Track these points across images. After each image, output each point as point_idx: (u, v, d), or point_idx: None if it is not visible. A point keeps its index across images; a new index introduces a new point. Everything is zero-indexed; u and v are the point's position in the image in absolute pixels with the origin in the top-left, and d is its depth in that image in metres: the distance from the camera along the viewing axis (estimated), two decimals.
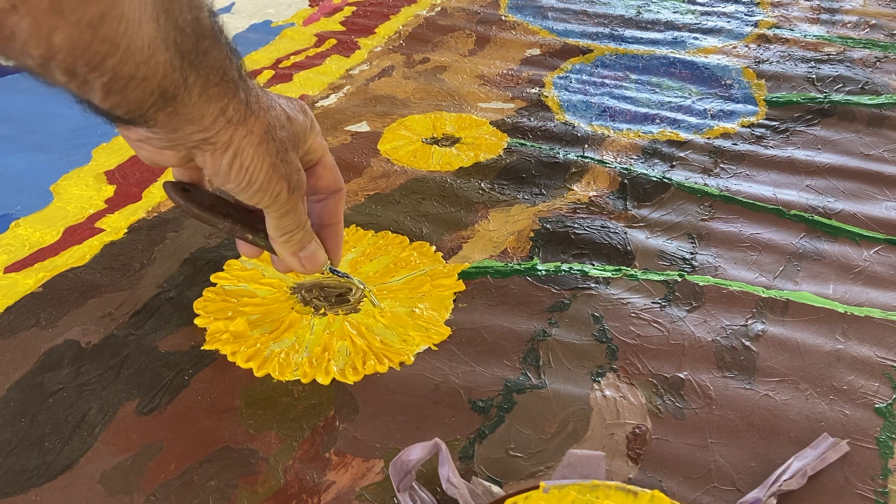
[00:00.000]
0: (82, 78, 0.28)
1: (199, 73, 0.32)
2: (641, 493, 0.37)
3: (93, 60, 0.28)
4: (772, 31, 0.91)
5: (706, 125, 0.72)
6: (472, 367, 0.46)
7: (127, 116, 0.31)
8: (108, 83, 0.29)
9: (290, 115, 0.38)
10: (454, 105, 0.74)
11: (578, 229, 0.57)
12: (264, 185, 0.37)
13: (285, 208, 0.39)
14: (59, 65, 0.27)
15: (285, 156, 0.37)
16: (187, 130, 0.34)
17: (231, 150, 0.35)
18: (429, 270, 0.53)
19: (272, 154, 0.36)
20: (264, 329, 0.48)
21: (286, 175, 0.38)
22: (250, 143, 0.35)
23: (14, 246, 0.56)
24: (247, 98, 0.35)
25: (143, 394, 0.44)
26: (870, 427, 0.42)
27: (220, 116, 0.34)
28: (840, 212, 0.60)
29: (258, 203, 0.38)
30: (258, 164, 0.36)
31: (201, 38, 0.32)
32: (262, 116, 0.36)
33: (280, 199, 0.38)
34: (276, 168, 0.37)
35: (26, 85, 0.78)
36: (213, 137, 0.34)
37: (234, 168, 0.36)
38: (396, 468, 0.38)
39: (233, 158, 0.35)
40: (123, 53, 0.28)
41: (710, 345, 0.48)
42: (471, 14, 0.94)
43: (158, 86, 0.31)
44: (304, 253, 0.42)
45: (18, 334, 0.48)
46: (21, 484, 0.39)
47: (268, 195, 0.38)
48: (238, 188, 0.37)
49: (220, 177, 0.36)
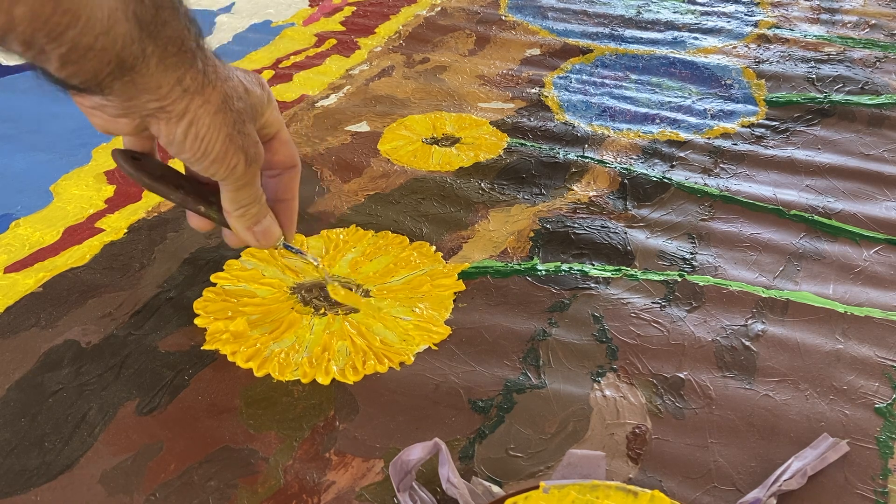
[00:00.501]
0: (39, 48, 0.28)
1: (157, 43, 0.32)
2: (641, 493, 0.37)
3: (53, 32, 0.27)
4: (772, 31, 0.91)
5: (706, 125, 0.72)
6: (472, 367, 0.46)
7: (82, 86, 0.31)
8: (65, 54, 0.28)
9: (247, 87, 0.38)
10: (454, 105, 0.74)
11: (578, 229, 0.57)
12: (220, 156, 0.36)
13: (242, 181, 0.38)
14: (18, 36, 0.27)
15: (242, 127, 0.37)
16: (143, 99, 0.33)
17: (186, 118, 0.35)
18: (429, 270, 0.53)
19: (229, 124, 0.36)
20: (264, 329, 0.48)
21: (243, 147, 0.37)
22: (206, 113, 0.35)
23: (14, 246, 0.56)
24: (204, 68, 0.34)
25: (143, 394, 0.44)
26: (870, 427, 0.42)
27: (177, 85, 0.33)
28: (840, 212, 0.60)
29: (214, 175, 0.37)
30: (214, 134, 0.35)
31: (160, 8, 0.32)
32: (220, 86, 0.35)
33: (237, 172, 0.37)
34: (233, 139, 0.36)
35: (26, 85, 0.78)
36: (168, 106, 0.34)
37: (189, 137, 0.35)
38: (396, 468, 0.38)
39: (188, 127, 0.35)
40: (84, 25, 0.28)
41: (710, 345, 0.48)
42: (471, 14, 0.94)
43: (116, 56, 0.30)
44: (259, 227, 0.41)
45: (18, 334, 0.48)
46: (21, 484, 0.39)
47: (224, 167, 0.37)
48: (193, 158, 0.36)
49: (174, 146, 0.36)
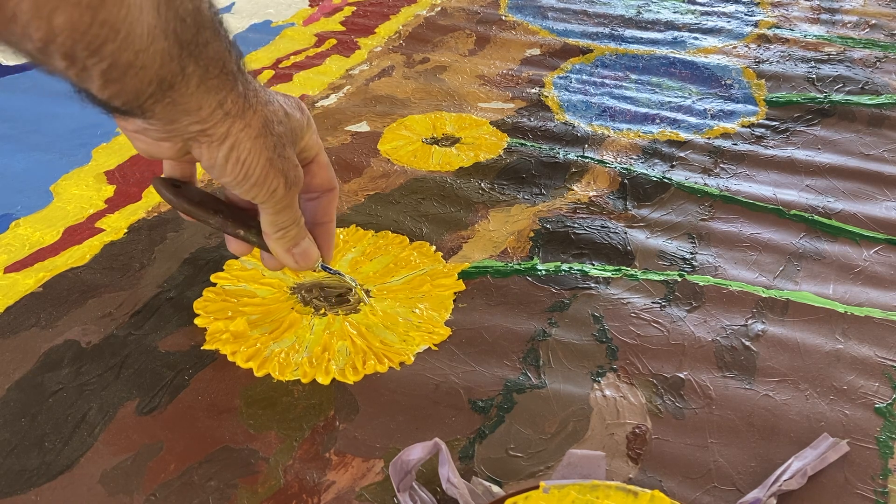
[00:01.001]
0: (81, 64, 0.28)
1: (198, 63, 0.32)
2: (641, 493, 0.37)
3: (92, 44, 0.28)
4: (772, 31, 0.91)
5: (706, 125, 0.72)
6: (472, 367, 0.46)
7: (125, 107, 0.31)
8: (106, 70, 0.29)
9: (287, 112, 0.38)
10: (454, 105, 0.74)
11: (578, 229, 0.57)
12: (261, 180, 0.37)
13: (282, 204, 0.39)
14: (59, 48, 0.27)
15: (283, 151, 0.37)
16: (184, 122, 0.34)
17: (228, 142, 0.35)
18: (429, 270, 0.53)
19: (269, 148, 0.36)
20: (264, 329, 0.48)
21: (283, 170, 0.37)
22: (248, 137, 0.35)
23: (14, 246, 0.56)
24: (245, 91, 0.35)
25: (143, 394, 0.44)
26: (870, 427, 0.42)
27: (218, 109, 0.34)
28: (840, 212, 0.60)
29: (254, 198, 0.38)
30: (255, 158, 0.36)
31: (201, 28, 0.32)
32: (261, 111, 0.36)
33: (277, 195, 0.38)
34: (273, 163, 0.37)
35: (26, 85, 0.78)
36: (210, 129, 0.34)
37: (230, 161, 0.35)
38: (396, 468, 0.38)
39: (229, 151, 0.35)
40: (123, 39, 0.28)
41: (710, 345, 0.48)
42: (471, 14, 0.94)
43: (157, 75, 0.31)
44: (298, 249, 0.42)
45: (18, 334, 0.48)
46: (21, 484, 0.39)
47: (264, 190, 0.37)
48: (234, 182, 0.37)
49: (216, 169, 0.36)
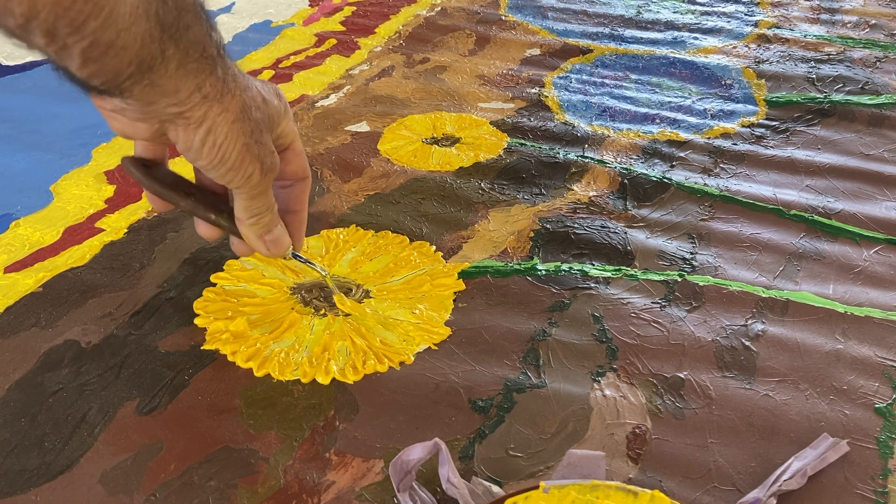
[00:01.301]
0: (62, 42, 0.28)
1: (178, 46, 0.32)
2: (641, 493, 0.37)
3: (75, 21, 0.28)
4: (772, 31, 0.91)
5: (706, 125, 0.72)
6: (472, 367, 0.46)
7: (103, 87, 0.31)
8: (87, 49, 0.29)
9: (265, 98, 0.38)
10: (454, 105, 0.74)
11: (578, 229, 0.57)
12: (237, 165, 0.37)
13: (256, 190, 0.39)
14: (41, 24, 0.27)
15: (259, 137, 0.37)
16: (162, 104, 0.34)
17: (205, 126, 0.35)
18: (429, 270, 0.53)
19: (246, 134, 0.36)
20: (264, 329, 0.48)
21: (259, 156, 0.37)
22: (225, 121, 0.35)
23: (14, 246, 0.56)
24: (224, 76, 0.35)
25: (143, 394, 0.44)
26: (870, 427, 0.42)
27: (196, 92, 0.34)
28: (840, 212, 0.60)
29: (229, 183, 0.38)
30: (231, 143, 0.36)
31: (183, 11, 0.32)
32: (239, 95, 0.36)
33: (252, 181, 0.38)
34: (250, 148, 0.37)
35: (26, 85, 0.78)
36: (187, 112, 0.34)
37: (206, 144, 0.36)
38: (396, 468, 0.38)
39: (206, 135, 0.35)
40: (106, 17, 0.28)
41: (710, 345, 0.48)
42: (471, 14, 0.94)
43: (136, 56, 0.31)
44: (270, 237, 0.42)
45: (18, 334, 0.48)
46: (21, 484, 0.39)
47: (240, 175, 0.37)
48: (210, 165, 0.37)
49: (192, 152, 0.36)
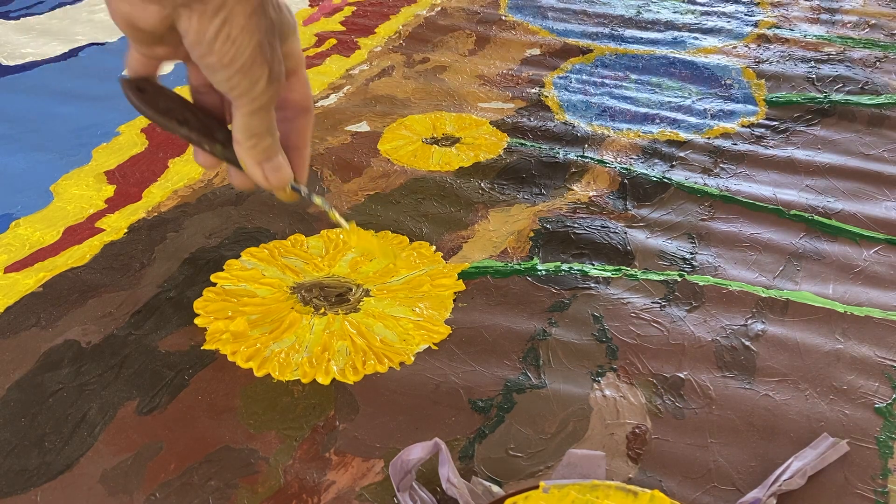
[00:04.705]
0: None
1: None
2: (641, 493, 0.37)
3: None
4: (772, 31, 0.91)
5: (706, 125, 0.72)
6: (472, 367, 0.46)
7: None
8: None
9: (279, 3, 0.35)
10: (454, 105, 0.74)
11: (578, 229, 0.57)
12: (247, 65, 0.34)
13: (259, 102, 0.36)
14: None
15: (272, 39, 0.34)
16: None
17: (222, 14, 0.32)
18: (429, 270, 0.53)
19: (262, 31, 0.33)
20: (264, 329, 0.48)
21: (270, 61, 0.34)
22: (242, 12, 0.33)
23: (14, 246, 0.56)
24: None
25: (143, 394, 0.44)
26: (870, 427, 0.42)
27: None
28: (840, 212, 0.60)
29: (233, 88, 0.35)
30: (246, 38, 0.33)
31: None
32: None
33: (257, 88, 0.35)
34: (263, 48, 0.34)
35: (26, 85, 0.78)
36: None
37: (220, 37, 0.33)
38: (396, 468, 0.38)
39: (221, 25, 0.32)
40: None
41: (710, 345, 0.48)
42: (471, 14, 0.94)
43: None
44: (270, 164, 0.39)
45: (18, 334, 0.48)
46: (21, 484, 0.39)
47: (247, 79, 0.34)
48: (219, 63, 0.34)
49: (203, 45, 0.33)
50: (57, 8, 0.96)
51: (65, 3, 0.98)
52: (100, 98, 0.75)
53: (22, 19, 0.93)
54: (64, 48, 0.86)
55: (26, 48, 0.86)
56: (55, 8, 0.96)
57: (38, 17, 0.94)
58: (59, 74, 0.80)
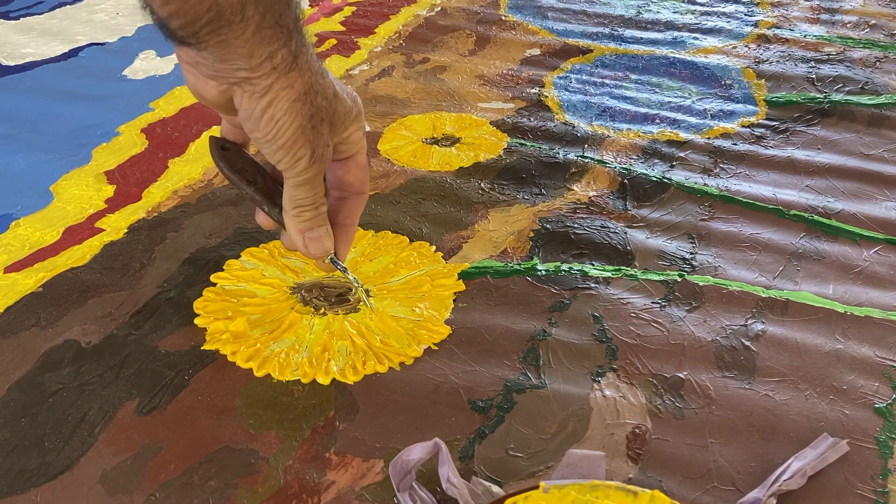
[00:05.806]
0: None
1: (257, 8, 0.33)
2: (641, 493, 0.37)
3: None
4: (772, 31, 0.91)
5: (706, 125, 0.72)
6: (472, 367, 0.46)
7: (181, 31, 0.33)
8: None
9: (337, 93, 0.39)
10: (454, 105, 0.74)
11: (578, 229, 0.57)
12: (288, 144, 0.37)
13: (302, 177, 0.39)
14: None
15: (318, 124, 0.38)
16: (234, 65, 0.35)
17: (268, 97, 0.36)
18: (429, 270, 0.53)
19: (304, 116, 0.37)
20: (264, 329, 0.48)
21: (312, 143, 0.38)
22: (287, 98, 0.36)
23: (14, 246, 0.56)
24: (297, 51, 0.36)
25: (143, 394, 0.44)
26: (870, 427, 0.42)
27: (268, 61, 0.35)
28: (840, 212, 0.60)
29: (278, 162, 0.38)
30: (288, 120, 0.37)
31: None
32: (307, 77, 0.37)
33: (300, 165, 0.38)
34: (305, 131, 0.37)
35: (26, 85, 0.78)
36: (255, 79, 0.35)
37: (265, 116, 0.36)
38: (396, 468, 0.38)
39: (267, 106, 0.36)
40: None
41: (710, 345, 0.48)
42: (471, 14, 0.94)
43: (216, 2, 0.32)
44: (311, 234, 0.42)
45: (18, 334, 0.48)
46: (21, 484, 0.39)
47: (289, 156, 0.38)
48: (264, 139, 0.37)
49: (250, 122, 0.37)
50: (57, 8, 0.96)
51: (65, 3, 0.98)
52: (100, 98, 0.75)
53: (22, 19, 0.93)
54: (64, 48, 0.86)
55: (26, 48, 0.86)
56: (55, 8, 0.96)
57: (38, 17, 0.94)
58: (58, 74, 0.80)
